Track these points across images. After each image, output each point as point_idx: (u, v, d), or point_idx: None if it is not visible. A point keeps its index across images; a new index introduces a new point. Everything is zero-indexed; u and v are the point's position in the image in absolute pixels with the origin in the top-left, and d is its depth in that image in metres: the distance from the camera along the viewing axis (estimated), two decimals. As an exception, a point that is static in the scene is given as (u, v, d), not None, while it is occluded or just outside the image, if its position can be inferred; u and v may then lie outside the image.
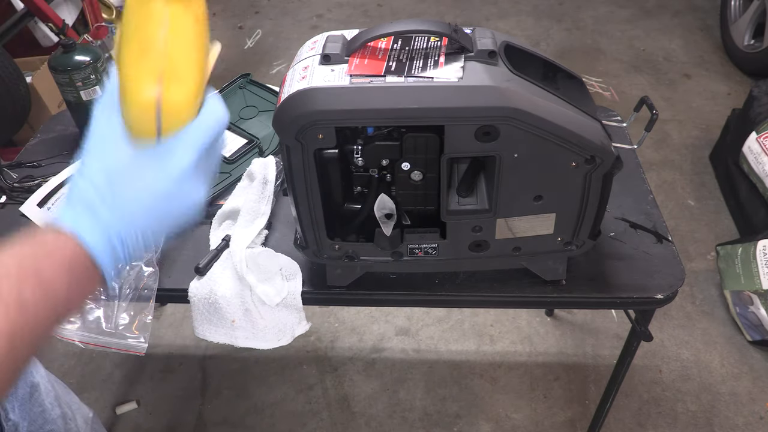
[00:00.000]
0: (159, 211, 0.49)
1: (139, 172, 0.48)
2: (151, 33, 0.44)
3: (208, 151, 0.50)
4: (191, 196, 0.50)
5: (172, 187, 0.49)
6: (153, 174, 0.48)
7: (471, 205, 0.84)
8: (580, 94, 0.81)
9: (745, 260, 1.65)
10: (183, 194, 0.50)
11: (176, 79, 0.46)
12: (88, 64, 1.20)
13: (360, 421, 1.56)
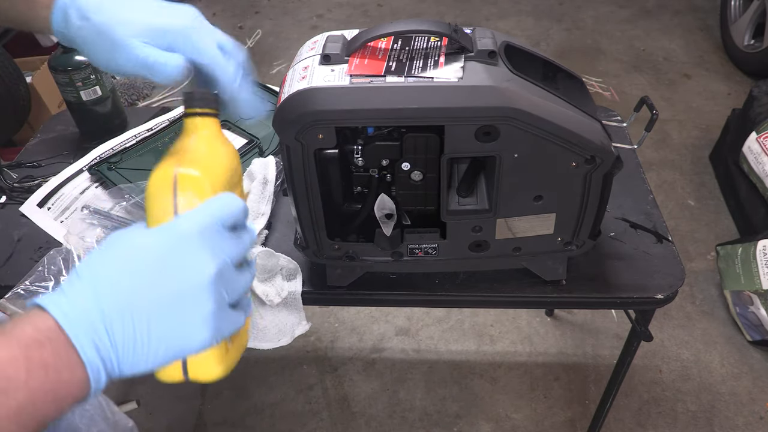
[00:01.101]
0: (147, 282, 0.42)
1: (134, 239, 0.44)
2: (181, 143, 0.49)
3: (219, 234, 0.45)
4: (192, 271, 0.43)
5: (163, 254, 0.43)
6: (145, 239, 0.44)
7: (471, 205, 0.84)
8: (580, 94, 0.81)
9: (745, 260, 1.65)
10: (179, 266, 0.43)
11: (196, 163, 0.48)
12: (88, 64, 1.20)
13: (360, 421, 1.56)
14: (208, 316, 0.44)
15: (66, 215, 1.07)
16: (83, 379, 0.40)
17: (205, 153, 0.50)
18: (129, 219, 1.02)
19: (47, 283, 0.94)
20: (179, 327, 0.43)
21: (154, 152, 1.15)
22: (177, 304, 0.43)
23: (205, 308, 0.43)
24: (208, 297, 0.43)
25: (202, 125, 0.52)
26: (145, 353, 0.42)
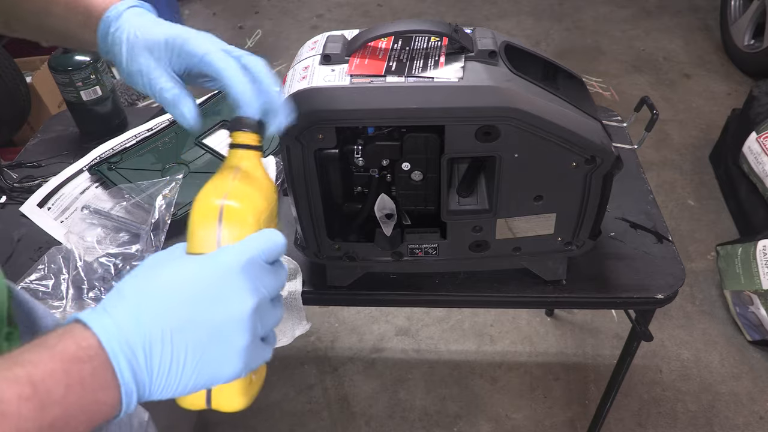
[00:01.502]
0: (191, 309, 0.43)
1: (179, 265, 0.45)
2: (225, 173, 0.51)
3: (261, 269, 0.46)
4: (233, 304, 0.43)
5: (209, 283, 0.44)
6: (190, 266, 0.44)
7: (471, 205, 0.84)
8: (580, 94, 0.81)
9: (745, 260, 1.65)
10: (222, 298, 0.43)
11: (240, 197, 0.49)
12: (88, 64, 1.20)
13: (360, 421, 1.56)
14: (242, 349, 0.44)
15: (66, 215, 1.07)
16: (116, 400, 0.40)
17: (248, 186, 0.51)
18: (129, 219, 1.02)
19: (47, 282, 0.94)
20: (214, 358, 0.43)
21: (154, 152, 1.15)
22: (215, 336, 0.43)
23: (241, 341, 0.44)
24: (244, 330, 0.44)
25: (246, 158, 0.53)
26: (177, 381, 0.42)
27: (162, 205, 0.99)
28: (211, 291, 0.43)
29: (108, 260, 0.96)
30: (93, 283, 0.94)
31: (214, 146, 1.17)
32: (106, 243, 0.98)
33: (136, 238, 0.99)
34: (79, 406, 0.38)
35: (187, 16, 3.40)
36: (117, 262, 0.96)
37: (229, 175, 0.51)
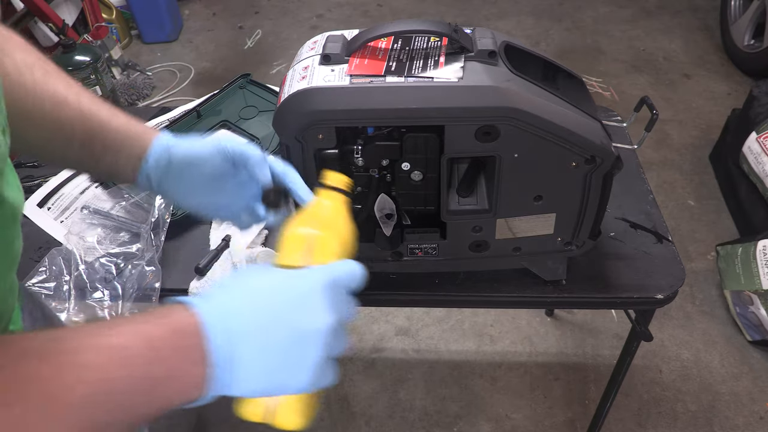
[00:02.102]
0: (282, 313, 0.46)
1: (274, 273, 0.49)
2: (316, 207, 0.60)
3: (341, 293, 0.50)
4: (316, 317, 0.47)
5: (299, 293, 0.47)
6: (285, 276, 0.49)
7: (471, 205, 0.84)
8: (580, 94, 0.81)
9: (745, 260, 1.65)
10: (308, 309, 0.47)
11: (329, 229, 0.57)
12: (88, 64, 1.20)
13: (360, 421, 1.56)
14: (315, 363, 0.46)
15: (66, 215, 1.07)
16: (202, 379, 0.43)
17: (335, 221, 0.59)
18: (129, 218, 1.02)
19: (50, 284, 0.94)
20: (290, 365, 0.46)
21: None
22: (296, 344, 0.46)
23: (316, 355, 0.46)
24: (320, 345, 0.46)
25: (334, 197, 0.61)
26: (255, 379, 0.45)
27: (161, 205, 0.99)
28: (299, 300, 0.47)
29: (109, 260, 0.96)
30: (95, 285, 0.94)
31: (214, 146, 1.17)
32: (106, 243, 0.98)
33: (137, 237, 0.99)
34: (178, 372, 0.42)
35: (187, 16, 3.40)
36: (119, 261, 0.96)
37: (321, 208, 0.60)
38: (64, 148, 0.62)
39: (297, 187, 0.66)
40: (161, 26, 3.10)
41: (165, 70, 2.96)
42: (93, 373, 0.38)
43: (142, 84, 2.76)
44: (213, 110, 1.24)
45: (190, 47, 3.13)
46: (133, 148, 0.65)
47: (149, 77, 2.83)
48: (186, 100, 1.68)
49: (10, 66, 0.57)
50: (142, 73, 2.79)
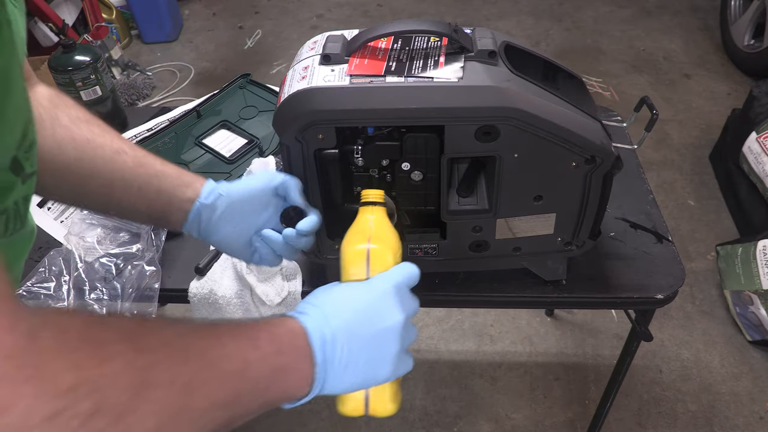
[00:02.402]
0: (362, 317, 0.54)
1: (347, 287, 0.58)
2: (363, 223, 0.66)
3: (406, 293, 0.59)
4: (389, 317, 0.55)
5: (372, 300, 0.56)
6: (357, 288, 0.57)
7: (471, 205, 0.84)
8: (580, 94, 0.81)
9: (745, 260, 1.65)
10: (382, 311, 0.55)
11: (379, 240, 0.63)
12: (88, 64, 1.20)
13: (360, 421, 1.56)
14: (394, 356, 0.55)
15: (66, 215, 1.07)
16: (309, 375, 0.50)
17: (383, 232, 0.65)
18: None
19: (49, 284, 0.94)
20: (374, 360, 0.54)
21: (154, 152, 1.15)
22: (376, 341, 0.54)
23: (394, 348, 0.55)
24: (396, 339, 0.55)
25: (375, 211, 0.67)
26: (347, 376, 0.52)
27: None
28: (373, 306, 0.55)
29: (109, 260, 0.96)
30: (95, 284, 0.94)
31: (214, 146, 1.17)
32: (106, 243, 0.98)
33: (137, 237, 0.99)
34: (293, 366, 0.49)
35: (187, 16, 3.40)
36: (118, 262, 0.96)
37: (367, 224, 0.66)
38: (123, 193, 0.67)
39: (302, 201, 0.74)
40: (161, 26, 3.10)
41: (165, 70, 2.96)
42: (235, 351, 0.44)
43: (142, 84, 2.76)
44: (213, 110, 1.24)
45: (190, 47, 3.13)
46: (185, 192, 0.70)
47: (149, 77, 2.83)
48: (186, 100, 1.68)
49: (65, 120, 0.64)
50: (142, 73, 2.79)
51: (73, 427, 0.31)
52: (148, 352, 0.37)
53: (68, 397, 0.31)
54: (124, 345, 0.36)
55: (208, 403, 0.41)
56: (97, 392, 0.32)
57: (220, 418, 0.43)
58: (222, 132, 1.20)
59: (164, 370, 0.38)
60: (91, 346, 0.34)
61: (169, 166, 0.71)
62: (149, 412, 0.36)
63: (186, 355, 0.40)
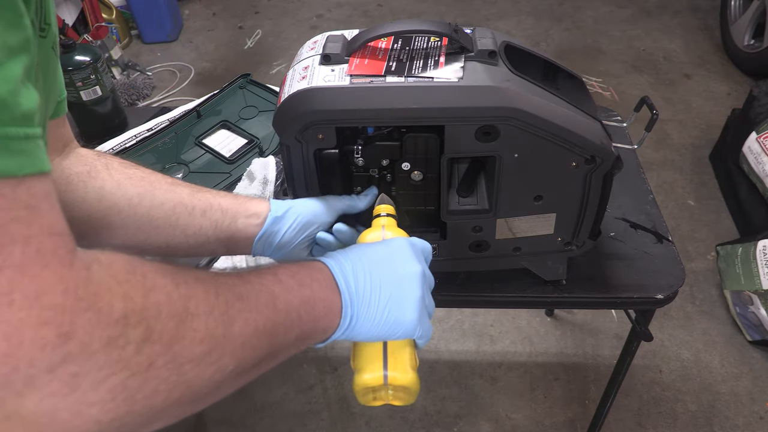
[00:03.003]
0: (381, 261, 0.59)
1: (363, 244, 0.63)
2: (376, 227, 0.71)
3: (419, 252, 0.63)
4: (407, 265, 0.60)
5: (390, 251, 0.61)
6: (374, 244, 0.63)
7: (471, 205, 0.84)
8: (580, 94, 0.81)
9: (745, 260, 1.65)
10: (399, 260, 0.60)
11: (391, 229, 0.70)
12: (88, 64, 1.20)
13: (360, 421, 1.56)
14: (417, 300, 0.58)
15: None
16: (338, 305, 0.54)
17: (397, 232, 0.70)
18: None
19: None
20: (397, 298, 0.57)
21: (154, 152, 1.15)
22: (398, 282, 0.57)
23: (416, 292, 0.58)
24: (417, 284, 0.58)
25: (388, 222, 0.71)
26: (372, 311, 0.56)
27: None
28: (391, 255, 0.60)
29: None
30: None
31: (214, 146, 1.17)
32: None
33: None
34: (319, 296, 0.53)
35: (187, 16, 3.40)
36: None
37: (379, 222, 0.71)
38: (188, 218, 0.70)
39: None
40: (161, 26, 3.10)
41: (165, 70, 2.96)
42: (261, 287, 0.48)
43: (142, 84, 2.76)
44: (213, 110, 1.24)
45: (190, 47, 3.13)
46: (248, 209, 0.73)
47: (149, 77, 2.83)
48: (186, 100, 1.68)
49: (116, 164, 0.69)
50: (142, 73, 2.79)
51: (130, 352, 0.34)
52: (185, 285, 0.40)
53: (121, 324, 0.33)
54: (163, 279, 0.38)
55: (249, 331, 0.43)
56: (145, 321, 0.35)
57: (262, 346, 0.45)
58: (222, 132, 1.20)
59: (201, 301, 0.40)
60: (136, 278, 0.36)
61: (222, 192, 0.74)
62: (195, 340, 0.38)
63: (217, 289, 0.42)
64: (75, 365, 0.31)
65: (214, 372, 0.40)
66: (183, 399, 0.38)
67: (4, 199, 0.30)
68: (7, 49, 0.31)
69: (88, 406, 0.32)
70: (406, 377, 0.59)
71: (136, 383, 0.34)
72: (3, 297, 0.29)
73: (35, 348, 0.30)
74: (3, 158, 0.30)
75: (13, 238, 0.30)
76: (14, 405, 0.30)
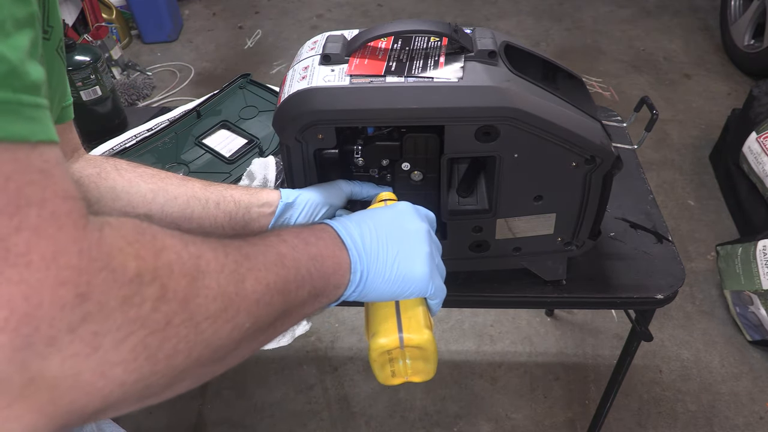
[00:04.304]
0: (386, 221, 0.60)
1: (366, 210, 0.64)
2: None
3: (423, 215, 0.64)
4: (413, 223, 0.61)
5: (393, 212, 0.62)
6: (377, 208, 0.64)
7: (471, 205, 0.84)
8: (580, 94, 0.81)
9: (745, 260, 1.65)
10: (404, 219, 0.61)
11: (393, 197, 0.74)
12: (88, 64, 1.20)
13: (360, 421, 1.56)
14: (427, 255, 0.58)
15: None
16: (347, 262, 0.55)
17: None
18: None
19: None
20: (406, 253, 0.58)
21: (154, 152, 1.15)
22: (405, 238, 0.59)
23: (423, 248, 0.59)
24: (425, 240, 0.59)
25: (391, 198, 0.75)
26: (382, 266, 0.56)
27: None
28: (397, 216, 0.61)
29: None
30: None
31: (214, 146, 1.17)
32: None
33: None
34: (325, 252, 0.53)
35: (187, 16, 3.40)
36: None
37: (381, 200, 0.74)
38: (202, 211, 0.71)
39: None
40: (161, 26, 3.10)
41: (165, 70, 2.96)
42: (266, 246, 0.48)
43: (142, 84, 2.76)
44: (213, 110, 1.24)
45: (190, 47, 3.13)
46: (260, 199, 0.74)
47: (149, 77, 2.83)
48: (186, 100, 1.68)
49: (125, 165, 0.70)
50: (142, 73, 2.79)
51: (146, 310, 0.34)
52: (193, 244, 0.40)
53: (135, 283, 0.34)
54: (172, 239, 0.39)
55: (261, 288, 0.44)
56: (158, 279, 0.35)
57: (276, 303, 0.45)
58: (222, 132, 1.20)
59: (211, 260, 0.40)
60: (146, 239, 0.37)
61: (231, 184, 0.75)
62: (209, 297, 0.39)
63: (225, 249, 0.43)
64: (94, 324, 0.31)
65: (231, 329, 0.40)
66: (204, 358, 0.38)
67: (19, 163, 0.30)
68: (15, 21, 0.31)
69: (111, 366, 0.32)
70: (422, 337, 0.58)
71: (156, 341, 0.34)
72: (20, 258, 0.29)
73: (55, 308, 0.30)
74: (16, 123, 0.30)
75: (29, 200, 0.30)
76: (38, 367, 0.30)
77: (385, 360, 0.58)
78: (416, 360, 0.59)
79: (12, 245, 0.29)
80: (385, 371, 0.59)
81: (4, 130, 0.29)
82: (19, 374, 0.29)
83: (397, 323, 0.58)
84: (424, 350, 0.58)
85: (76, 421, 0.33)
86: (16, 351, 0.29)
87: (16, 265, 0.29)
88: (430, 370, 0.60)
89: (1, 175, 0.29)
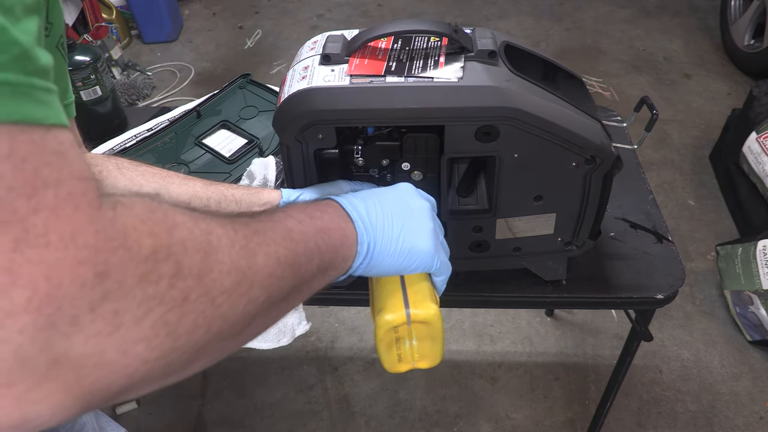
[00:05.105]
0: (389, 198, 0.62)
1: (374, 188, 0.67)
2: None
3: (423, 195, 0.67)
4: (415, 201, 0.63)
5: (395, 191, 0.64)
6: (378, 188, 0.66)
7: (471, 205, 0.84)
8: (580, 94, 0.81)
9: (745, 260, 1.65)
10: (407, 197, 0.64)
11: None
12: (88, 64, 1.20)
13: (360, 421, 1.56)
14: (430, 231, 0.61)
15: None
16: (354, 234, 0.56)
17: None
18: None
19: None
20: (410, 227, 0.59)
21: (154, 152, 1.15)
22: (409, 213, 0.61)
23: (427, 224, 0.61)
24: (429, 217, 0.62)
25: None
26: (387, 239, 0.58)
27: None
28: (400, 194, 0.64)
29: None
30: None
31: (214, 146, 1.17)
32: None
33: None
34: (331, 225, 0.54)
35: (187, 16, 3.40)
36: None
37: None
38: (205, 209, 0.72)
39: None
40: (161, 26, 3.10)
41: (165, 70, 2.96)
42: (273, 221, 0.49)
43: (142, 84, 2.76)
44: (213, 110, 1.24)
45: (190, 47, 3.13)
46: (261, 197, 0.75)
47: (149, 77, 2.83)
48: (186, 100, 1.68)
49: (126, 164, 0.71)
50: (142, 73, 2.79)
51: (164, 287, 0.34)
52: (203, 221, 0.41)
53: (151, 261, 0.34)
54: (182, 216, 0.39)
55: (272, 262, 0.45)
56: (173, 256, 0.36)
57: (287, 276, 0.46)
58: (222, 132, 1.20)
59: (222, 235, 0.41)
60: (158, 216, 0.37)
61: (232, 184, 0.76)
62: (223, 272, 0.39)
63: (233, 225, 0.43)
64: (114, 302, 0.32)
65: (246, 303, 0.41)
66: (222, 333, 0.39)
67: (35, 145, 0.30)
68: (24, 6, 0.31)
69: (133, 343, 0.33)
70: (429, 311, 0.58)
71: (175, 317, 0.35)
72: (40, 238, 0.29)
73: (75, 287, 0.30)
74: (31, 106, 0.30)
75: (46, 181, 0.30)
76: (62, 347, 0.30)
77: (392, 339, 0.58)
78: (423, 340, 0.58)
79: (30, 226, 0.29)
80: (392, 355, 0.59)
81: (19, 112, 0.29)
82: (44, 355, 0.29)
83: (404, 298, 0.59)
84: (431, 326, 0.58)
85: (103, 400, 0.33)
86: (40, 331, 0.29)
87: (36, 245, 0.29)
88: (436, 353, 0.59)
89: (18, 157, 0.29)
